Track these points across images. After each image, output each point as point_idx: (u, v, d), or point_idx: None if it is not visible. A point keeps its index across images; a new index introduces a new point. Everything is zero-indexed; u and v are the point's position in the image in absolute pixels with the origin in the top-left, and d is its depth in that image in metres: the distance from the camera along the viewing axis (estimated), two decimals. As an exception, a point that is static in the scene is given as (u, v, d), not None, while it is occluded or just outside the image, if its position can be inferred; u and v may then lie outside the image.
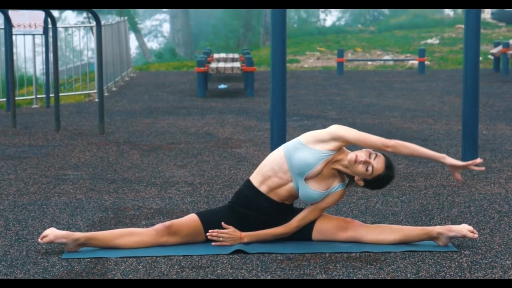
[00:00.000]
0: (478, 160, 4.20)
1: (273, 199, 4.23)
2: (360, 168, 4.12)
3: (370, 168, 4.12)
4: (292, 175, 4.18)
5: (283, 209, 4.26)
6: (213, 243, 4.19)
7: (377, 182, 4.18)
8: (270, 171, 4.21)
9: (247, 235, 4.22)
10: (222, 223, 4.22)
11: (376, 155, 4.15)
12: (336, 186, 4.23)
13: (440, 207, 5.12)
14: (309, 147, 4.17)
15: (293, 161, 4.16)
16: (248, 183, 4.28)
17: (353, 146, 4.53)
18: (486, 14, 31.26)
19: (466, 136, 6.38)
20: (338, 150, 4.19)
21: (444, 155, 4.19)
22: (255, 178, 4.26)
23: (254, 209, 4.24)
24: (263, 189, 4.22)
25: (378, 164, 4.13)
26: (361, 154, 4.12)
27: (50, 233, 4.06)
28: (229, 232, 4.20)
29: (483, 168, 4.25)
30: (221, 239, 4.19)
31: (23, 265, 3.91)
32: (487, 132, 8.35)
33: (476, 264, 3.92)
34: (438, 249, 4.14)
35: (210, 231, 4.20)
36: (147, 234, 4.17)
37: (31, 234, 4.49)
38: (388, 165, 4.16)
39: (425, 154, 4.19)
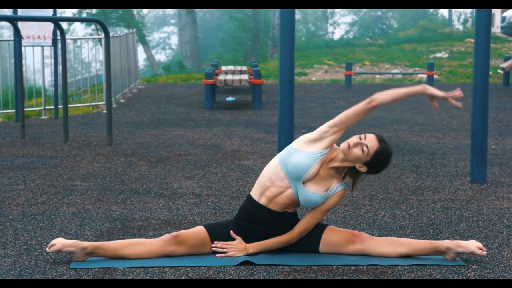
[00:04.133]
0: (457, 93, 4.17)
1: (274, 210, 4.22)
2: (356, 151, 4.12)
3: (365, 148, 4.12)
4: (290, 180, 4.18)
5: (287, 219, 4.25)
6: (217, 255, 4.20)
7: (376, 160, 4.14)
8: (267, 181, 4.22)
9: (252, 246, 4.23)
10: (231, 232, 4.23)
11: (366, 135, 4.15)
12: (336, 186, 4.21)
13: (448, 221, 5.11)
14: (302, 150, 4.17)
15: (288, 166, 4.16)
16: (249, 197, 4.30)
17: (344, 137, 4.44)
18: (496, 28, 31.26)
19: (474, 150, 6.37)
20: (330, 147, 4.18)
21: (423, 85, 4.21)
22: (254, 192, 4.27)
23: (258, 222, 4.24)
24: (262, 201, 4.23)
25: (370, 141, 4.13)
26: (352, 139, 4.14)
27: (58, 242, 4.07)
28: (233, 243, 4.22)
29: (460, 105, 4.23)
30: (225, 250, 4.20)
31: (32, 274, 3.92)
32: (496, 147, 8.33)
33: (484, 279, 3.90)
34: (446, 263, 4.12)
35: (215, 242, 4.22)
36: (154, 244, 4.17)
37: (39, 243, 4.50)
38: (381, 139, 4.17)
39: (406, 93, 4.18)
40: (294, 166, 4.14)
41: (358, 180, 4.29)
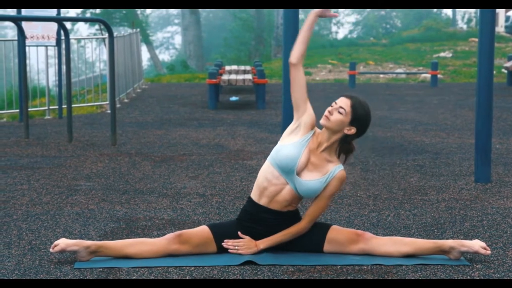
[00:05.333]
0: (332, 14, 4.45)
1: (276, 210, 4.23)
2: (335, 117, 4.17)
3: (341, 110, 4.18)
4: (284, 176, 4.19)
5: (288, 217, 4.26)
6: (230, 250, 4.22)
7: (357, 114, 4.17)
8: (265, 181, 4.24)
9: (262, 242, 4.24)
10: (239, 232, 4.25)
11: (335, 102, 4.24)
12: (333, 169, 4.21)
13: (452, 220, 5.11)
14: (286, 144, 4.22)
15: (278, 162, 4.19)
16: (249, 199, 4.32)
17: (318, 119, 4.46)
18: (500, 27, 31.23)
19: (478, 150, 6.36)
20: (312, 131, 4.23)
21: (311, 12, 4.37)
22: (254, 194, 4.29)
23: (259, 223, 4.25)
24: (263, 201, 4.24)
25: (342, 102, 4.21)
26: (326, 110, 4.22)
27: (61, 242, 4.08)
28: (244, 241, 4.23)
29: (337, 14, 4.50)
30: (237, 247, 4.21)
31: (36, 274, 3.93)
32: (500, 146, 8.32)
33: (489, 279, 3.90)
34: (450, 263, 4.12)
35: (225, 240, 4.24)
36: (157, 243, 4.18)
37: (44, 243, 4.50)
38: (349, 95, 4.24)
39: (306, 29, 4.34)
40: (283, 160, 4.17)
41: (352, 153, 4.29)
